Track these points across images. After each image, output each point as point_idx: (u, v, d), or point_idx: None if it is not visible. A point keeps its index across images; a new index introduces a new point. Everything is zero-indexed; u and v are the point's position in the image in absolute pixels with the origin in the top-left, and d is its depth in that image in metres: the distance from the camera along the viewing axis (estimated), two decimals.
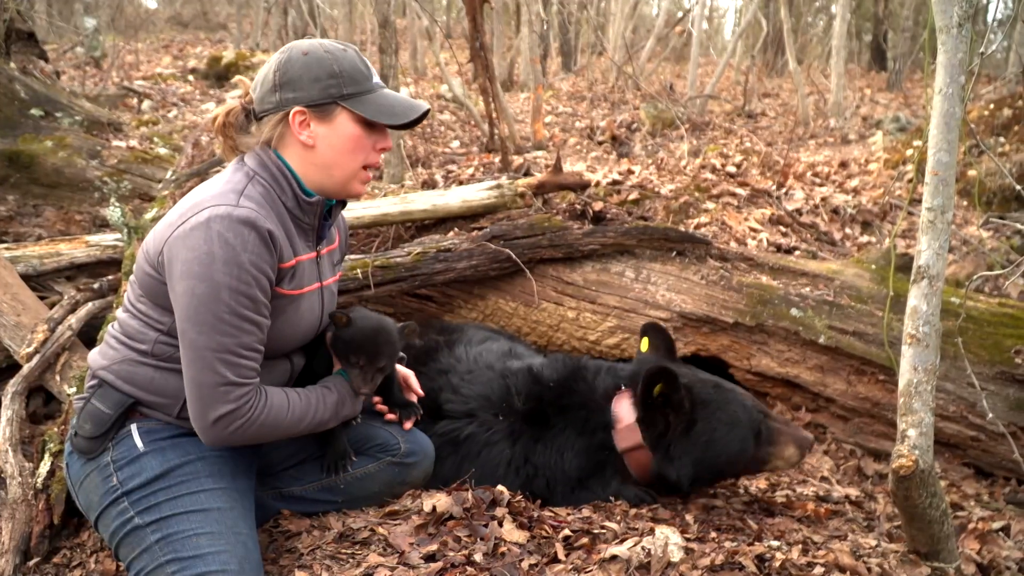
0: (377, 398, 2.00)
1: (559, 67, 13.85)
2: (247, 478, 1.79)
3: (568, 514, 1.99)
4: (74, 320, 2.65)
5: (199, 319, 1.53)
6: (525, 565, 1.67)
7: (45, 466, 2.06)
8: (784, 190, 5.02)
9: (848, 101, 10.41)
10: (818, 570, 1.65)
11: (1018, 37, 11.36)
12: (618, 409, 2.23)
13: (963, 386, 2.77)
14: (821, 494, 2.58)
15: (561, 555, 1.73)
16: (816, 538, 1.88)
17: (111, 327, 1.78)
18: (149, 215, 3.11)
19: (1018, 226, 2.85)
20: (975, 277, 2.55)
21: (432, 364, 2.41)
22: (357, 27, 13.88)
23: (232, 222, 1.54)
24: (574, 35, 14.04)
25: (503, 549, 1.72)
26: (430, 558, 1.70)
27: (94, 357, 1.77)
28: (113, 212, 3.05)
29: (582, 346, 3.20)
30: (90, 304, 2.76)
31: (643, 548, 1.67)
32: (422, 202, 3.52)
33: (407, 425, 2.01)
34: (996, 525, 2.42)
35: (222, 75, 9.08)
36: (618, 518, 1.97)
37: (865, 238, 4.69)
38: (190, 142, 4.10)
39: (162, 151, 4.27)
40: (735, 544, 1.74)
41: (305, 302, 1.76)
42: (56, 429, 2.16)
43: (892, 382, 2.86)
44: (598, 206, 3.71)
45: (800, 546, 1.76)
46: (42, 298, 2.87)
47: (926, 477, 1.65)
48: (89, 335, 2.66)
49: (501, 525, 1.81)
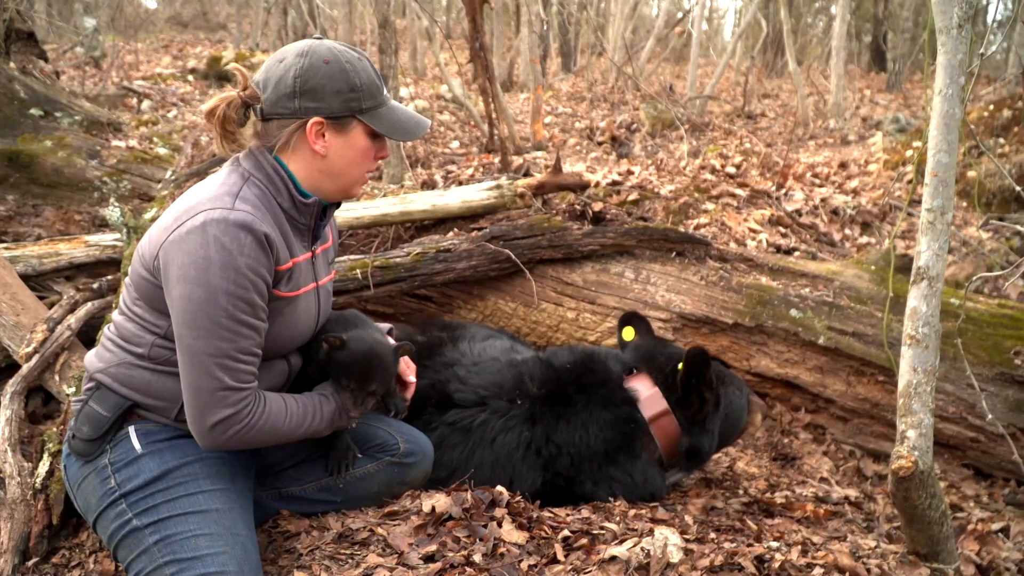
0: None
1: (559, 68, 13.85)
2: (245, 479, 1.79)
3: (567, 515, 1.99)
4: (73, 320, 2.64)
5: (196, 324, 1.52)
6: (524, 566, 1.67)
7: (44, 466, 2.06)
8: (784, 191, 5.02)
9: (848, 102, 10.41)
10: (817, 571, 1.65)
11: (1018, 38, 11.36)
12: (637, 386, 2.33)
13: (963, 387, 2.77)
14: (820, 495, 2.58)
15: (560, 556, 1.72)
16: (815, 539, 1.87)
17: (107, 329, 1.78)
18: (148, 215, 3.10)
19: (1018, 227, 2.85)
20: (975, 278, 2.55)
21: (437, 358, 2.43)
22: (357, 27, 13.88)
23: (228, 226, 1.53)
24: (574, 36, 14.05)
25: (502, 550, 1.72)
26: (429, 558, 1.70)
27: (91, 359, 1.76)
28: (112, 212, 3.05)
29: None
30: (89, 304, 2.76)
31: (642, 549, 1.67)
32: (422, 202, 3.52)
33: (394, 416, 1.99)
34: (995, 526, 2.43)
35: (222, 75, 9.08)
36: (617, 519, 1.97)
37: (865, 239, 4.69)
38: (189, 142, 4.10)
39: (161, 151, 4.28)
40: (734, 545, 1.74)
41: (302, 303, 1.75)
42: (55, 429, 2.15)
43: (892, 383, 2.86)
44: (598, 207, 3.71)
45: (799, 547, 1.76)
46: (41, 298, 2.87)
47: (926, 478, 1.65)
48: (88, 335, 2.66)
49: (500, 526, 1.81)
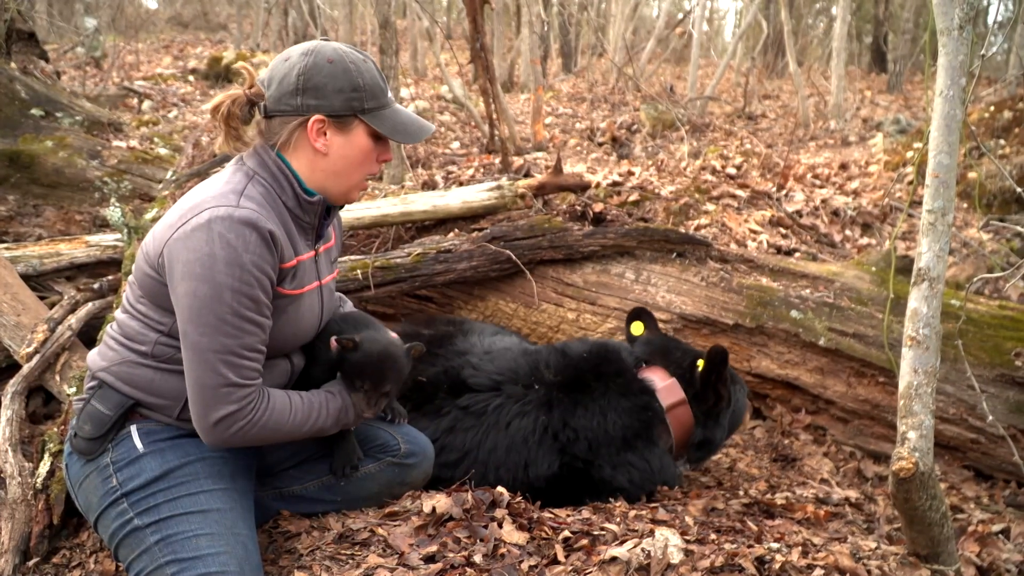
0: None
1: (559, 68, 13.85)
2: (246, 479, 1.79)
3: (568, 515, 1.99)
4: (74, 320, 2.64)
5: (201, 320, 1.53)
6: (525, 566, 1.67)
7: (45, 466, 2.06)
8: (784, 192, 5.02)
9: (848, 103, 10.41)
10: (818, 572, 1.65)
11: (1018, 39, 11.36)
12: (652, 377, 2.40)
13: (963, 388, 2.77)
14: (821, 496, 2.58)
15: (561, 556, 1.72)
16: (816, 540, 1.87)
17: (110, 328, 1.78)
18: (149, 215, 3.11)
19: (1018, 228, 2.85)
20: (975, 279, 2.55)
21: (448, 347, 2.46)
22: (357, 28, 13.89)
23: (233, 223, 1.54)
24: (574, 36, 14.05)
25: (503, 550, 1.72)
26: (430, 559, 1.70)
27: (93, 358, 1.77)
28: (113, 212, 3.05)
29: None
30: (90, 304, 2.76)
31: (643, 550, 1.67)
32: (422, 203, 3.52)
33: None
34: (996, 528, 2.43)
35: (222, 75, 9.08)
36: (618, 519, 1.97)
37: (865, 240, 4.69)
38: (190, 142, 4.10)
39: (162, 151, 4.28)
40: (735, 546, 1.74)
41: (305, 301, 1.76)
42: (56, 429, 2.15)
43: (892, 384, 2.86)
44: (598, 207, 3.72)
45: (800, 548, 1.76)
46: (42, 298, 2.87)
47: (926, 479, 1.65)
48: (89, 335, 2.66)
49: (501, 526, 1.81)
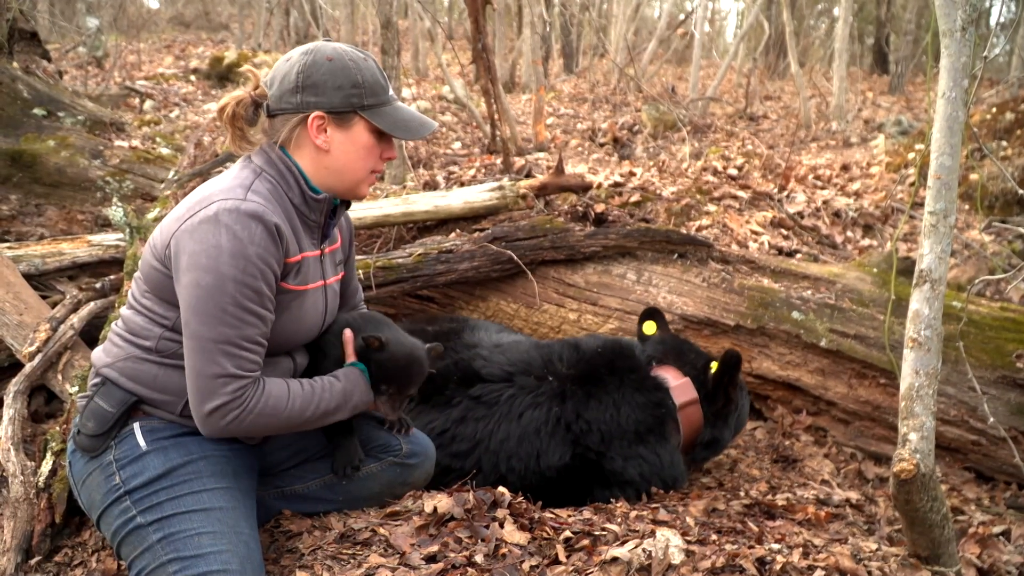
0: None
1: (561, 69, 13.85)
2: (249, 478, 1.80)
3: (569, 516, 1.99)
4: (76, 319, 2.65)
5: (203, 309, 1.54)
6: (526, 566, 1.67)
7: (47, 465, 2.06)
8: (786, 193, 5.02)
9: (850, 104, 10.41)
10: (819, 573, 1.65)
11: (1021, 41, 11.37)
12: (665, 375, 2.44)
13: (964, 390, 2.77)
14: (822, 497, 2.58)
15: (562, 557, 1.73)
16: (817, 541, 1.87)
17: (115, 325, 1.79)
18: (151, 215, 3.11)
19: (1020, 230, 2.86)
20: (977, 281, 2.55)
21: (457, 341, 2.49)
22: (359, 28, 13.91)
23: (240, 215, 1.56)
24: (576, 37, 14.05)
25: (504, 550, 1.73)
26: (431, 559, 1.70)
27: (98, 355, 1.77)
28: (115, 212, 3.05)
29: None
30: (92, 304, 2.76)
31: (644, 550, 1.67)
32: (424, 203, 3.52)
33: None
34: (997, 529, 2.43)
35: (224, 75, 9.08)
36: (619, 520, 1.97)
37: (867, 241, 4.69)
38: (192, 142, 4.11)
39: (164, 151, 4.28)
40: (736, 547, 1.74)
41: (309, 298, 1.77)
42: (58, 428, 2.16)
43: (893, 386, 2.86)
44: (600, 208, 3.72)
45: (801, 549, 1.76)
46: (44, 297, 2.88)
47: (927, 481, 1.65)
48: (91, 334, 2.66)
49: (502, 526, 1.81)
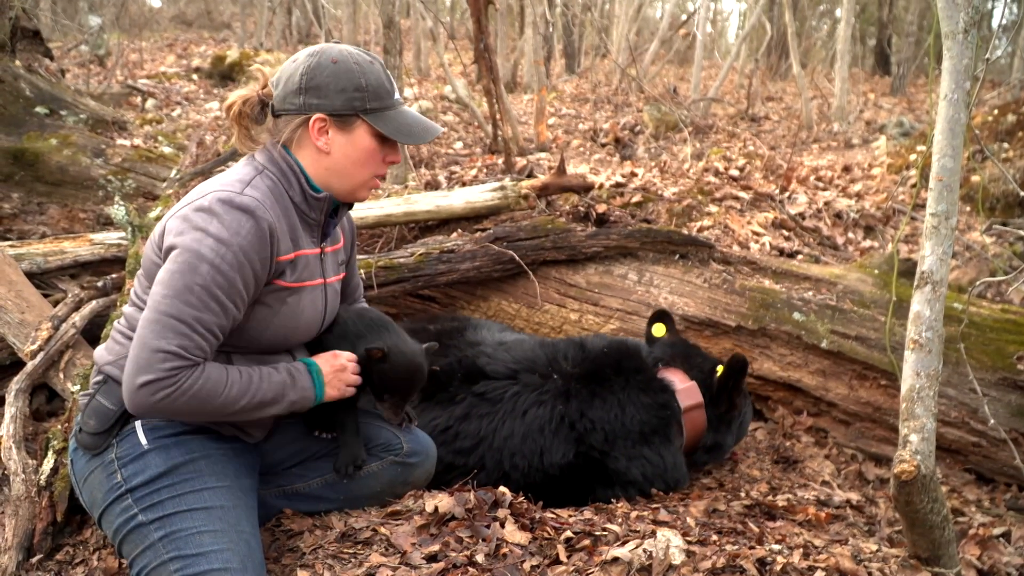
0: None
1: (563, 69, 13.85)
2: (250, 476, 1.80)
3: (570, 516, 2.00)
4: (78, 318, 2.65)
5: (170, 283, 1.54)
6: (527, 566, 1.68)
7: (48, 463, 2.07)
8: (787, 194, 5.02)
9: (852, 105, 10.40)
10: (819, 574, 1.65)
11: (1022, 43, 11.36)
12: (672, 378, 2.45)
13: (965, 392, 2.77)
14: (822, 498, 2.58)
15: (563, 556, 1.73)
16: (817, 542, 1.87)
17: (117, 323, 1.79)
18: (153, 214, 3.12)
19: (1021, 232, 2.86)
20: (978, 283, 2.56)
21: (460, 338, 2.50)
22: (361, 27, 13.91)
23: (232, 206, 1.58)
24: (578, 37, 14.05)
25: (505, 550, 1.73)
26: (432, 558, 1.70)
27: (100, 353, 1.78)
28: (117, 210, 3.06)
29: None
30: (94, 302, 2.77)
31: (644, 550, 1.67)
32: (426, 203, 3.53)
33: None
34: (997, 531, 2.43)
35: (226, 74, 9.09)
36: (619, 520, 1.97)
37: (868, 243, 4.69)
38: (194, 141, 4.11)
39: (166, 150, 4.29)
40: (736, 547, 1.75)
41: (307, 296, 1.77)
42: (60, 426, 2.16)
43: (894, 387, 2.86)
44: (601, 208, 3.72)
45: (801, 550, 1.76)
46: (46, 296, 2.88)
47: (927, 482, 1.65)
48: (93, 333, 2.67)
49: (503, 526, 1.81)
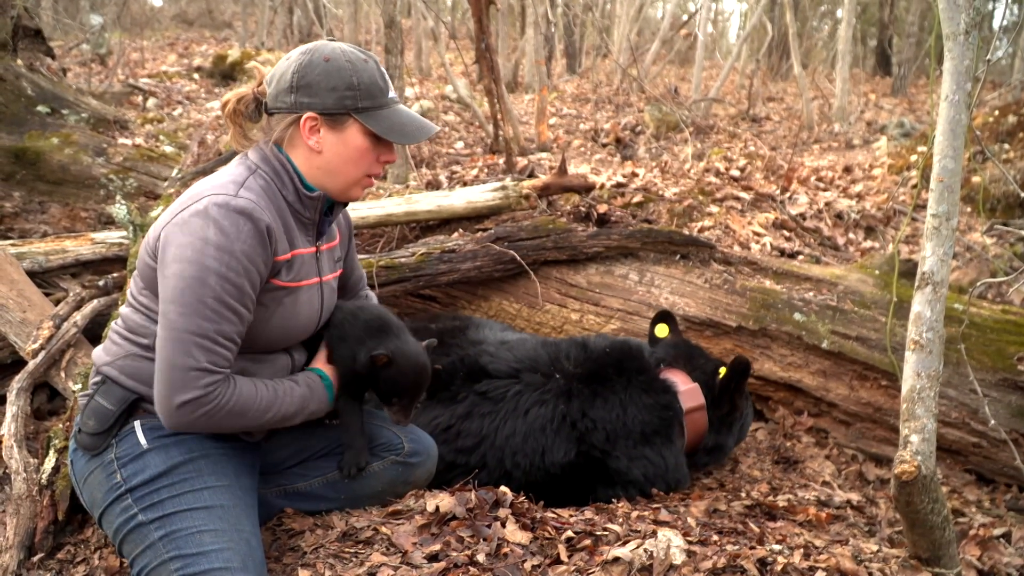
0: None
1: (563, 69, 13.85)
2: (250, 476, 1.80)
3: (571, 515, 2.00)
4: (79, 317, 2.65)
5: (183, 300, 1.53)
6: (528, 566, 1.68)
7: (50, 462, 2.07)
8: (788, 194, 5.02)
9: (852, 106, 10.40)
10: (820, 574, 1.65)
11: (1023, 43, 11.35)
12: (674, 379, 2.45)
13: (965, 392, 2.77)
14: (823, 499, 2.58)
15: (564, 556, 1.73)
16: (817, 542, 1.88)
17: (114, 323, 1.79)
18: (154, 213, 3.12)
19: (1022, 233, 2.85)
20: (978, 284, 2.56)
21: (462, 337, 2.51)
22: (362, 27, 13.91)
23: (229, 211, 1.56)
24: (579, 37, 14.05)
25: (506, 550, 1.73)
26: (433, 558, 1.70)
27: (98, 354, 1.78)
28: (119, 210, 3.06)
29: None
30: (95, 301, 2.77)
31: (645, 550, 1.67)
32: (427, 203, 3.53)
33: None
34: (997, 531, 2.43)
35: (227, 74, 9.10)
36: (620, 520, 1.98)
37: (869, 243, 4.69)
38: (196, 140, 4.11)
39: (168, 149, 4.29)
40: (737, 547, 1.75)
41: (304, 295, 1.77)
42: (61, 425, 2.16)
43: (894, 387, 2.86)
44: (602, 208, 3.72)
45: (802, 550, 1.76)
46: (47, 295, 2.88)
47: (928, 483, 1.66)
48: (94, 332, 2.67)
49: (504, 526, 1.81)
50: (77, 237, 3.17)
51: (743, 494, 2.53)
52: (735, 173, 5.46)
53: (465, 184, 4.71)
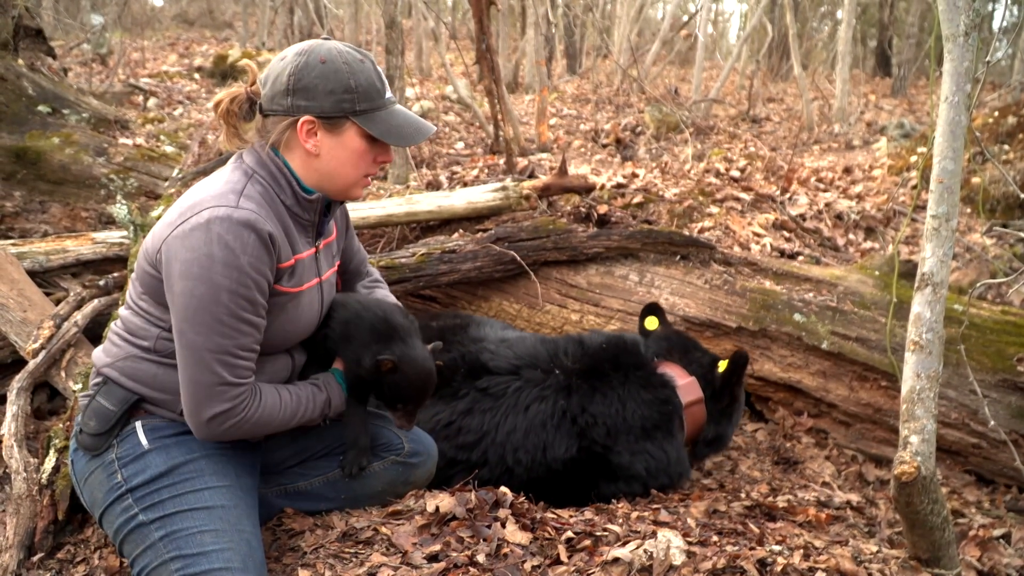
0: None
1: (564, 69, 13.85)
2: (251, 476, 1.80)
3: (570, 516, 2.00)
4: (80, 317, 2.65)
5: (197, 320, 1.54)
6: (528, 566, 1.68)
7: (50, 462, 2.07)
8: (788, 195, 5.03)
9: (852, 107, 10.40)
10: (819, 575, 1.65)
11: (1023, 45, 11.36)
12: (671, 372, 2.45)
13: (965, 393, 2.77)
14: (822, 499, 2.59)
15: (564, 557, 1.73)
16: (817, 543, 1.88)
17: (114, 324, 1.79)
18: (155, 213, 3.12)
19: (1021, 234, 2.86)
20: (978, 284, 2.56)
21: (463, 335, 2.52)
22: (363, 27, 13.91)
23: (232, 224, 1.54)
24: (579, 38, 14.06)
25: (506, 550, 1.73)
26: (433, 558, 1.70)
27: (98, 355, 1.78)
28: (119, 209, 3.06)
29: None
30: (96, 301, 2.77)
31: (645, 551, 1.67)
32: (427, 203, 3.53)
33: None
34: (997, 532, 2.43)
35: (228, 74, 9.09)
36: (620, 521, 1.98)
37: (868, 244, 4.70)
38: (196, 140, 4.11)
39: (168, 149, 4.29)
40: (737, 548, 1.75)
41: (305, 298, 1.77)
42: (61, 425, 2.16)
43: (894, 388, 2.87)
44: (602, 209, 3.72)
45: (801, 551, 1.76)
46: (48, 294, 2.89)
47: (928, 484, 1.66)
48: (95, 332, 2.67)
49: (504, 526, 1.81)
50: (78, 237, 3.17)
51: (743, 495, 2.53)
52: (735, 174, 5.46)
53: (465, 184, 4.71)
